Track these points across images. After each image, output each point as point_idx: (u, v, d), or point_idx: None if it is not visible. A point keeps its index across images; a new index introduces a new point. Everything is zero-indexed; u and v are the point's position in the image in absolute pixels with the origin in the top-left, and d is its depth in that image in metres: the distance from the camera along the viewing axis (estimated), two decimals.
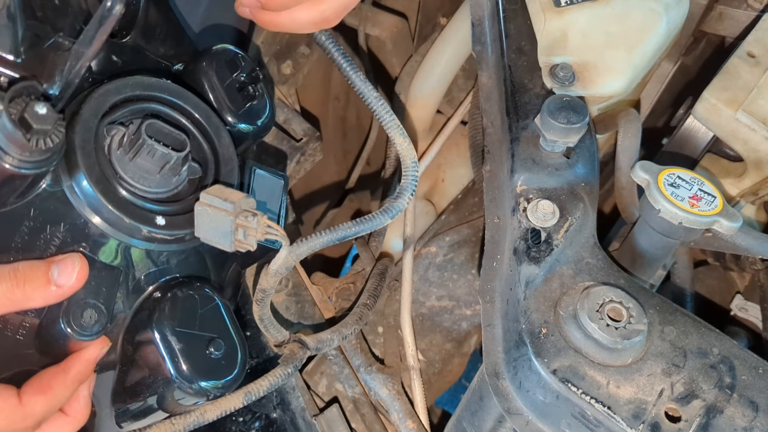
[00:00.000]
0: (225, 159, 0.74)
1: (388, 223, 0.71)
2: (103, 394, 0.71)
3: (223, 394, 0.71)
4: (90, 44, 0.60)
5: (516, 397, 0.68)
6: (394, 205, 0.71)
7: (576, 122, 0.72)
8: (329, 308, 1.00)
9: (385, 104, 0.76)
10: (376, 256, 1.05)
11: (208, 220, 0.67)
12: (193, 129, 0.74)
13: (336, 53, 0.76)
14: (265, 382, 0.77)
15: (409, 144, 0.75)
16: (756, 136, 0.78)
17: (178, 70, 0.79)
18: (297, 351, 0.82)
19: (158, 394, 0.69)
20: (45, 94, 0.62)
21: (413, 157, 0.74)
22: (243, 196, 0.68)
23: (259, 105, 0.80)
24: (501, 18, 0.85)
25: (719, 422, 0.62)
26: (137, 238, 0.67)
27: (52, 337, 0.65)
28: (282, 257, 0.70)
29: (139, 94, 0.71)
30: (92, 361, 0.66)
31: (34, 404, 0.61)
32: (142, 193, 0.68)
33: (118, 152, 0.68)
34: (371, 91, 0.76)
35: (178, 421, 0.71)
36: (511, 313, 0.70)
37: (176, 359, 0.67)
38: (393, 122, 0.75)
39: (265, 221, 0.67)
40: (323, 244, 0.69)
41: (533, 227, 0.71)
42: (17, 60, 0.62)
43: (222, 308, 0.72)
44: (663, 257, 0.77)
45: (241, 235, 0.67)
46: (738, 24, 0.93)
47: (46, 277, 0.62)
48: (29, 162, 0.58)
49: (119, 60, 0.73)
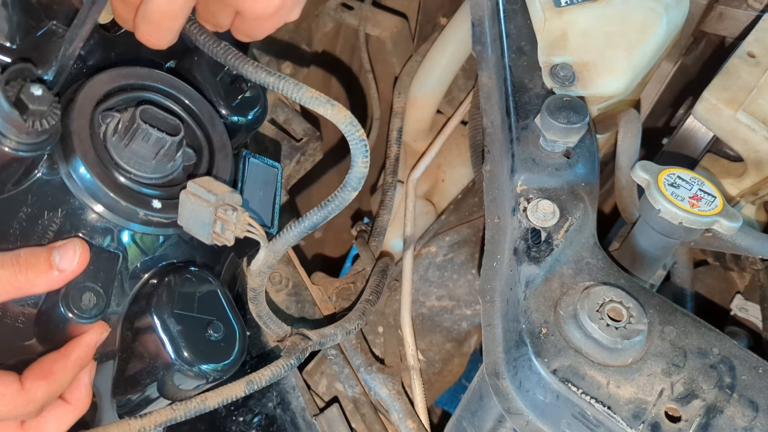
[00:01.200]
0: (219, 146, 0.75)
1: (353, 196, 0.65)
2: (103, 385, 0.72)
3: (222, 377, 0.71)
4: (83, 25, 0.61)
5: (516, 397, 0.68)
6: (350, 178, 0.65)
7: (576, 122, 0.73)
8: (329, 308, 1.00)
9: (290, 79, 0.65)
10: (376, 256, 1.05)
11: (190, 208, 0.67)
12: (187, 117, 0.75)
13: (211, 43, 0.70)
14: (268, 371, 0.76)
15: (335, 106, 0.63)
16: (756, 136, 0.78)
17: (170, 67, 0.79)
18: (299, 342, 0.81)
19: (158, 380, 0.69)
20: (40, 77, 0.62)
21: (347, 118, 0.63)
22: (229, 190, 0.68)
23: (252, 97, 0.80)
24: (501, 18, 0.85)
25: (719, 422, 0.62)
26: (134, 222, 0.68)
27: (52, 321, 0.65)
28: (261, 257, 0.70)
29: (133, 83, 0.72)
30: (92, 345, 0.66)
31: (36, 389, 0.61)
32: (138, 178, 0.69)
33: (113, 138, 0.68)
34: (263, 72, 0.66)
35: (179, 407, 0.71)
36: (511, 313, 0.70)
37: (175, 342, 0.67)
38: (303, 92, 0.63)
39: (245, 218, 0.66)
40: (299, 235, 0.68)
41: (533, 227, 0.71)
42: (12, 46, 0.63)
43: (219, 292, 0.72)
44: (663, 257, 0.77)
45: (219, 228, 0.66)
46: (738, 24, 0.93)
47: (48, 262, 0.63)
48: (26, 144, 0.59)
49: (113, 54, 0.74)
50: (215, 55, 0.70)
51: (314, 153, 1.10)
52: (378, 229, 1.06)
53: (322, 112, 0.63)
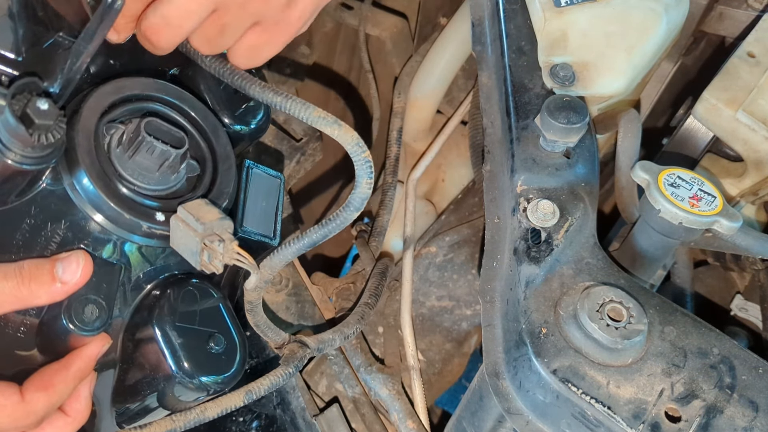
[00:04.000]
0: (222, 157, 0.75)
1: (355, 216, 0.65)
2: (103, 394, 0.72)
3: (223, 389, 0.71)
4: (91, 40, 0.60)
5: (516, 397, 0.68)
6: (353, 198, 0.64)
7: (576, 122, 0.72)
8: (329, 308, 1.00)
9: (293, 97, 0.68)
10: (376, 256, 1.05)
11: (180, 234, 0.67)
12: (191, 128, 0.74)
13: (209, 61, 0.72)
14: (266, 381, 0.77)
15: (342, 126, 0.64)
16: (756, 136, 0.78)
17: (174, 74, 0.79)
18: (297, 350, 0.82)
19: (159, 391, 0.69)
20: (46, 91, 0.62)
21: (355, 139, 0.64)
22: (219, 217, 0.67)
23: (255, 106, 0.80)
24: (501, 18, 0.85)
25: (719, 422, 0.62)
26: (137, 234, 0.68)
27: (54, 333, 0.65)
28: (253, 281, 0.70)
29: (137, 93, 0.72)
30: (93, 357, 0.66)
31: (37, 401, 0.61)
32: (141, 190, 0.69)
33: (117, 150, 0.68)
34: (270, 92, 0.69)
35: (178, 418, 0.71)
36: (511, 313, 0.70)
37: (177, 354, 0.68)
38: (310, 111, 0.65)
39: (233, 248, 0.66)
40: (293, 255, 0.67)
41: (533, 227, 0.71)
42: (18, 58, 0.62)
43: (221, 304, 0.73)
44: (663, 257, 0.77)
45: (206, 257, 0.66)
46: (738, 24, 0.93)
47: (51, 274, 0.62)
48: (31, 157, 0.59)
49: (117, 63, 0.73)
50: (220, 75, 0.70)
51: (314, 153, 1.10)
52: (378, 229, 1.06)
53: (329, 132, 0.64)
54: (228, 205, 0.74)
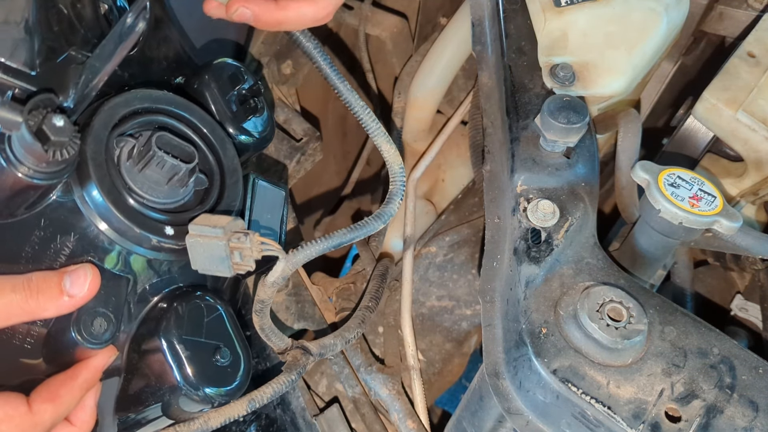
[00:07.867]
0: (230, 170, 0.76)
1: (381, 228, 0.72)
2: (106, 402, 0.72)
3: (228, 401, 0.72)
4: (109, 59, 0.61)
5: (516, 397, 0.68)
6: (384, 211, 0.73)
7: (576, 122, 0.72)
8: (329, 308, 1.00)
9: (371, 112, 0.77)
10: (377, 256, 1.05)
11: (201, 250, 0.68)
12: (199, 141, 0.75)
13: (323, 62, 0.75)
14: (269, 389, 0.77)
15: (395, 151, 0.76)
16: (756, 136, 0.78)
17: (179, 83, 0.79)
18: (300, 357, 0.82)
19: (163, 402, 0.70)
20: (60, 106, 0.62)
21: (400, 164, 0.76)
22: (230, 219, 0.68)
23: (260, 118, 0.81)
24: (501, 18, 0.85)
25: (719, 422, 0.62)
26: (145, 248, 0.68)
27: (62, 345, 0.65)
28: (279, 269, 0.70)
29: (147, 106, 0.72)
30: (100, 369, 0.66)
31: (44, 412, 0.61)
32: (151, 203, 0.69)
33: (127, 163, 0.68)
34: (357, 101, 0.76)
35: (182, 428, 0.71)
36: (511, 313, 0.70)
37: (183, 367, 0.69)
38: (379, 130, 0.76)
39: (257, 239, 0.67)
40: (319, 252, 0.69)
41: (533, 227, 0.71)
42: (32, 73, 0.62)
43: (226, 317, 0.73)
44: (663, 257, 0.77)
45: (237, 258, 0.67)
46: (738, 24, 0.93)
47: (58, 287, 0.62)
48: (44, 173, 0.59)
49: (125, 73, 0.74)
50: (325, 73, 0.75)
51: (314, 153, 1.10)
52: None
53: (383, 149, 0.76)
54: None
